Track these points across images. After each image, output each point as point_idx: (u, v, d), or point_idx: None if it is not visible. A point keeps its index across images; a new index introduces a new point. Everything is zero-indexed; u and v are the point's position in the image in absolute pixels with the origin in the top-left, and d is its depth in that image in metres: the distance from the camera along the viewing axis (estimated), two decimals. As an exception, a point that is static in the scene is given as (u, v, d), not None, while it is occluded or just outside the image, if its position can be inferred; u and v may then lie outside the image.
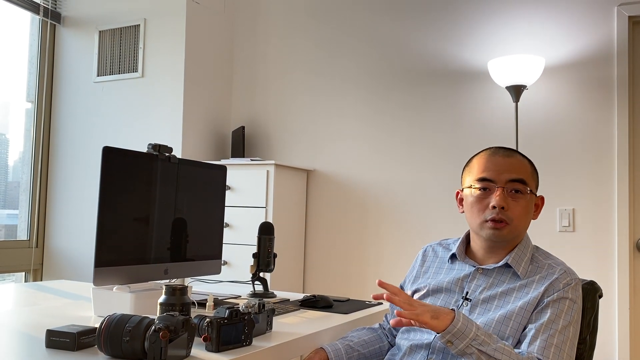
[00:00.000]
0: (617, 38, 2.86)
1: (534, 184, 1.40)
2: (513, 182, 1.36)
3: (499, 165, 1.37)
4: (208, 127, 3.65)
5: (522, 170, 1.38)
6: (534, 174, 1.41)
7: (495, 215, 1.34)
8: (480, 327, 1.22)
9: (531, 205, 1.39)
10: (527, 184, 1.37)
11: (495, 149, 1.42)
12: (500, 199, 1.34)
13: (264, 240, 2.00)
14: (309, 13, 3.66)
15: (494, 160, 1.39)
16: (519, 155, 1.42)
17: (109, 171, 1.45)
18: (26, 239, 3.76)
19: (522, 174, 1.37)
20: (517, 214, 1.35)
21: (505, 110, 3.08)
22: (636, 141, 2.88)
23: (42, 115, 3.85)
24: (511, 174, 1.36)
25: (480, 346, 1.19)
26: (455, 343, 1.19)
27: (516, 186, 1.36)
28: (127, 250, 1.50)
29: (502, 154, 1.40)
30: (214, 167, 1.86)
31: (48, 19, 3.81)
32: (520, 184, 1.36)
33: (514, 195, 1.36)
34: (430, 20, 3.31)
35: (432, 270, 1.50)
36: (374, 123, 3.41)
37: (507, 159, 1.38)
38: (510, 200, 1.35)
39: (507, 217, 1.35)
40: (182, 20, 3.49)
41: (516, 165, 1.38)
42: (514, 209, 1.35)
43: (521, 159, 1.40)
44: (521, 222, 1.37)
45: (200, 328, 1.24)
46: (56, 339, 1.18)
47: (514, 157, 1.40)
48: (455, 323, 1.19)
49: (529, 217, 1.39)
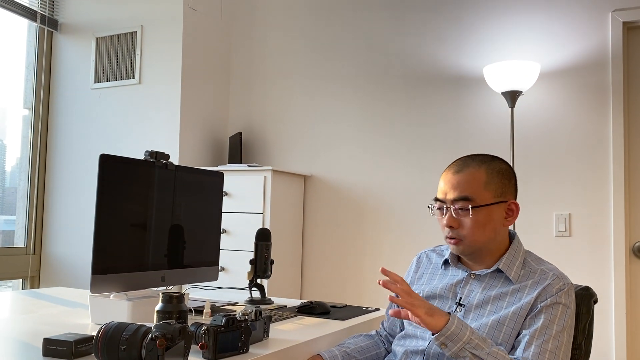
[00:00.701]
0: (611, 44, 2.88)
1: (488, 194, 1.36)
2: (456, 201, 1.37)
3: (447, 184, 1.40)
4: (205, 133, 3.66)
5: (468, 185, 1.36)
6: (491, 183, 1.37)
7: (447, 234, 1.39)
8: (474, 331, 1.23)
9: (487, 216, 1.36)
10: (473, 199, 1.35)
11: (453, 164, 1.43)
12: (448, 219, 1.38)
13: (261, 247, 2.00)
14: (305, 20, 3.67)
15: (445, 179, 1.41)
16: (474, 166, 1.38)
17: (106, 178, 1.45)
18: (23, 245, 3.76)
19: (467, 189, 1.36)
20: (468, 230, 1.36)
21: (501, 115, 3.09)
22: (631, 146, 2.89)
23: (40, 122, 3.85)
24: (455, 192, 1.37)
25: (474, 350, 1.20)
26: (449, 346, 1.21)
27: (460, 204, 1.36)
28: (124, 257, 1.50)
29: (453, 171, 1.40)
30: (211, 174, 1.86)
31: (45, 26, 3.82)
32: (463, 201, 1.35)
33: (460, 213, 1.36)
34: (426, 27, 3.32)
35: (426, 276, 1.51)
36: (370, 129, 3.42)
37: (455, 176, 1.39)
38: (459, 219, 1.37)
39: (458, 235, 1.37)
40: (179, 27, 3.50)
41: (463, 181, 1.37)
42: (464, 226, 1.36)
43: (472, 172, 1.37)
44: (476, 236, 1.36)
45: (197, 336, 1.24)
46: (53, 348, 1.18)
47: (463, 171, 1.38)
48: (449, 326, 1.21)
49: (487, 228, 1.36)
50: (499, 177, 1.38)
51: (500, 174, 1.39)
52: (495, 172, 1.38)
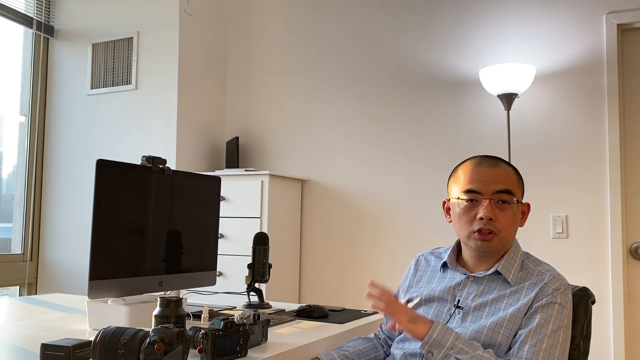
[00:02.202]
0: (606, 46, 2.89)
1: (519, 192, 1.41)
2: (499, 193, 1.37)
3: (484, 176, 1.38)
4: (202, 138, 3.66)
5: (508, 180, 1.39)
6: (520, 182, 1.43)
7: (483, 226, 1.36)
8: (459, 336, 1.25)
9: (518, 213, 1.41)
10: (514, 193, 1.38)
11: (481, 158, 1.43)
12: (488, 210, 1.35)
13: (258, 251, 2.00)
14: (302, 24, 3.68)
15: (480, 171, 1.40)
16: (504, 164, 1.42)
17: (103, 184, 1.45)
18: (20, 252, 3.75)
19: (508, 184, 1.38)
20: (505, 224, 1.37)
21: (497, 118, 3.10)
22: (627, 147, 2.90)
23: (36, 128, 3.85)
24: (497, 184, 1.37)
25: (458, 354, 1.22)
26: (435, 353, 1.24)
27: (503, 197, 1.37)
28: (121, 263, 1.50)
29: (487, 164, 1.41)
30: (208, 178, 1.87)
31: (41, 32, 3.82)
32: (507, 194, 1.37)
33: (501, 206, 1.37)
34: (422, 30, 3.33)
35: (425, 279, 1.52)
36: (367, 132, 3.42)
37: (492, 169, 1.40)
38: (497, 211, 1.36)
39: (495, 228, 1.36)
40: (175, 32, 3.51)
41: (502, 175, 1.39)
42: (502, 220, 1.37)
43: (506, 168, 1.41)
44: (509, 231, 1.38)
45: (195, 340, 1.24)
46: (51, 353, 1.18)
47: (499, 166, 1.40)
48: (431, 333, 1.23)
49: (516, 226, 1.40)
50: (521, 180, 1.44)
51: (520, 178, 1.44)
52: (519, 174, 1.44)
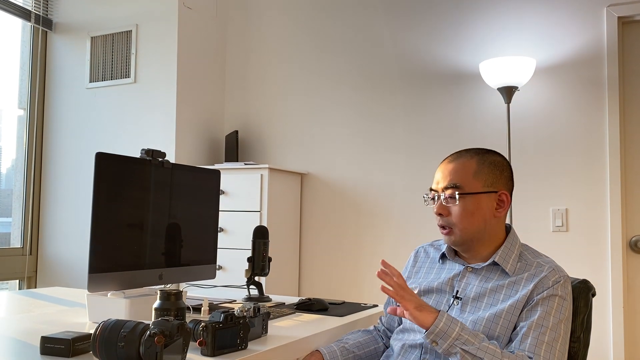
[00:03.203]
0: (606, 39, 2.88)
1: (477, 183, 1.38)
2: (446, 188, 1.40)
3: (440, 173, 1.43)
4: (201, 132, 3.65)
5: (459, 173, 1.39)
6: (481, 173, 1.39)
7: (438, 222, 1.42)
8: (465, 327, 1.24)
9: (475, 204, 1.37)
10: (461, 186, 1.38)
11: (451, 155, 1.46)
12: (437, 206, 1.41)
13: (258, 244, 2.00)
14: (301, 17, 3.67)
15: (440, 169, 1.45)
16: (467, 156, 1.42)
17: (102, 177, 1.45)
18: (20, 246, 3.75)
19: (457, 178, 1.39)
20: (457, 218, 1.38)
21: (497, 111, 3.09)
22: (627, 140, 2.90)
23: (35, 122, 3.84)
24: (445, 180, 1.41)
25: (464, 345, 1.21)
26: (440, 343, 1.22)
27: (449, 192, 1.39)
28: (121, 256, 1.50)
29: (447, 160, 1.44)
30: (207, 172, 1.86)
31: (40, 25, 3.81)
32: (452, 189, 1.38)
33: (449, 200, 1.39)
34: (422, 23, 3.32)
35: (424, 270, 1.52)
36: (366, 125, 3.42)
37: (448, 165, 1.42)
38: (450, 206, 1.39)
39: (448, 223, 1.40)
40: (174, 26, 3.49)
41: (454, 169, 1.40)
42: (454, 214, 1.38)
43: (464, 161, 1.41)
44: (465, 224, 1.38)
45: (196, 332, 1.24)
46: (51, 346, 1.18)
47: (456, 161, 1.42)
48: (437, 323, 1.22)
49: (476, 217, 1.37)
50: (491, 167, 1.40)
51: (492, 165, 1.41)
52: (487, 163, 1.41)
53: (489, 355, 1.20)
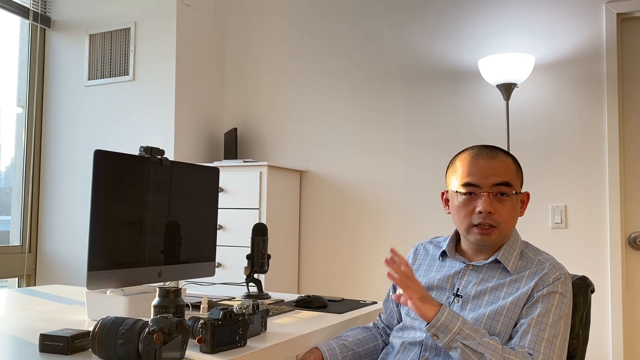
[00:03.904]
0: (605, 35, 2.88)
1: (518, 182, 1.39)
2: (498, 185, 1.35)
3: (483, 169, 1.36)
4: (200, 129, 3.65)
5: (507, 171, 1.37)
6: (519, 172, 1.41)
7: (483, 220, 1.35)
8: (466, 322, 1.24)
9: (517, 205, 1.39)
10: (512, 185, 1.36)
11: (479, 149, 1.40)
12: (487, 204, 1.34)
13: (257, 242, 2.00)
14: (299, 14, 3.66)
15: (478, 163, 1.37)
16: (503, 154, 1.40)
17: (101, 175, 1.45)
18: (19, 244, 3.75)
19: (507, 175, 1.36)
20: (505, 216, 1.35)
21: (496, 108, 3.09)
22: (626, 137, 2.90)
23: (33, 120, 3.83)
24: (496, 177, 1.35)
25: (465, 340, 1.21)
26: (441, 337, 1.22)
27: (502, 189, 1.35)
28: (120, 254, 1.50)
29: (485, 156, 1.38)
30: (206, 169, 1.86)
31: (38, 23, 3.80)
32: (506, 186, 1.36)
33: (500, 198, 1.35)
34: (420, 20, 3.32)
35: (424, 268, 1.51)
36: (365, 123, 3.41)
37: (490, 161, 1.37)
38: (497, 204, 1.35)
39: (495, 221, 1.35)
40: (172, 23, 3.49)
41: (500, 167, 1.37)
42: (501, 212, 1.35)
43: (505, 159, 1.39)
44: (509, 224, 1.37)
45: (195, 329, 1.24)
46: (50, 343, 1.18)
47: (497, 158, 1.38)
48: (439, 316, 1.22)
49: (516, 217, 1.39)
50: (520, 169, 1.42)
51: (519, 167, 1.42)
52: (517, 163, 1.42)
53: (490, 351, 1.20)
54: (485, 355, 1.19)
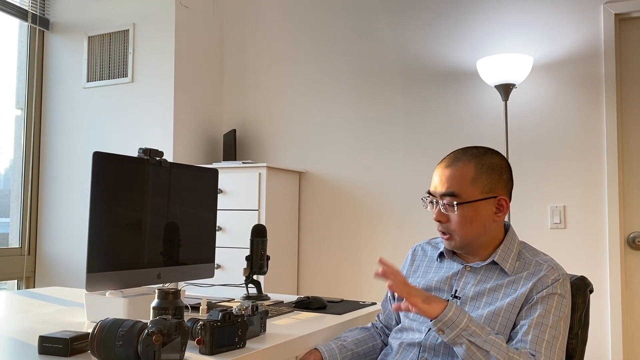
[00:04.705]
0: (604, 36, 2.88)
1: (475, 190, 1.35)
2: (444, 196, 1.38)
3: (438, 177, 1.40)
4: (199, 131, 3.65)
5: (457, 180, 1.36)
6: (479, 179, 1.36)
7: (438, 228, 1.41)
8: (472, 319, 1.24)
9: (474, 212, 1.35)
10: (459, 194, 1.35)
11: (446, 157, 1.43)
12: (437, 213, 1.40)
13: (256, 243, 2.00)
14: (298, 16, 3.66)
15: (436, 172, 1.42)
16: (464, 160, 1.38)
17: (100, 176, 1.45)
18: (18, 246, 3.74)
19: (455, 185, 1.36)
20: (456, 225, 1.37)
21: (495, 108, 3.10)
22: (625, 138, 2.90)
23: (32, 122, 3.83)
24: (443, 187, 1.38)
25: (471, 337, 1.21)
26: (447, 332, 1.22)
27: (447, 200, 1.37)
28: (119, 256, 1.50)
29: (443, 165, 1.41)
30: (205, 171, 1.86)
31: (36, 25, 3.80)
32: (450, 197, 1.36)
33: (448, 208, 1.37)
34: (419, 21, 3.32)
35: (422, 269, 1.52)
36: (364, 123, 3.42)
37: (444, 170, 1.39)
38: (449, 213, 1.38)
39: (447, 229, 1.39)
40: (171, 25, 3.49)
41: (451, 176, 1.37)
42: (453, 221, 1.37)
43: (461, 167, 1.37)
44: (464, 231, 1.36)
45: (194, 331, 1.24)
46: (49, 345, 1.18)
47: (453, 166, 1.38)
48: (446, 312, 1.22)
49: (475, 224, 1.36)
50: (489, 172, 1.37)
51: (491, 169, 1.37)
52: (486, 167, 1.37)
53: (495, 349, 1.20)
54: (491, 353, 1.19)
